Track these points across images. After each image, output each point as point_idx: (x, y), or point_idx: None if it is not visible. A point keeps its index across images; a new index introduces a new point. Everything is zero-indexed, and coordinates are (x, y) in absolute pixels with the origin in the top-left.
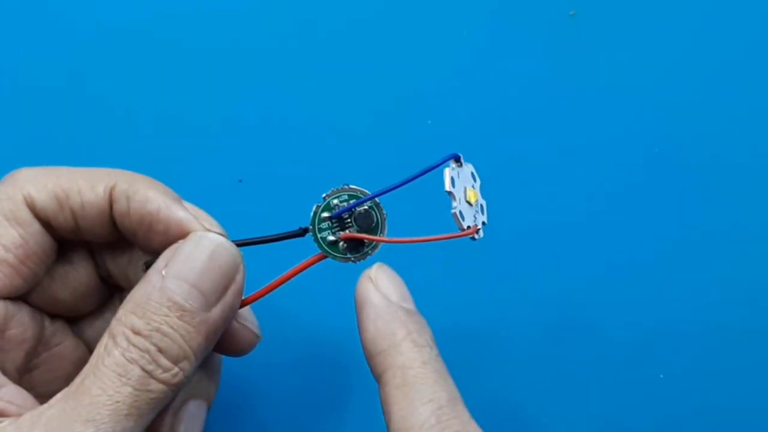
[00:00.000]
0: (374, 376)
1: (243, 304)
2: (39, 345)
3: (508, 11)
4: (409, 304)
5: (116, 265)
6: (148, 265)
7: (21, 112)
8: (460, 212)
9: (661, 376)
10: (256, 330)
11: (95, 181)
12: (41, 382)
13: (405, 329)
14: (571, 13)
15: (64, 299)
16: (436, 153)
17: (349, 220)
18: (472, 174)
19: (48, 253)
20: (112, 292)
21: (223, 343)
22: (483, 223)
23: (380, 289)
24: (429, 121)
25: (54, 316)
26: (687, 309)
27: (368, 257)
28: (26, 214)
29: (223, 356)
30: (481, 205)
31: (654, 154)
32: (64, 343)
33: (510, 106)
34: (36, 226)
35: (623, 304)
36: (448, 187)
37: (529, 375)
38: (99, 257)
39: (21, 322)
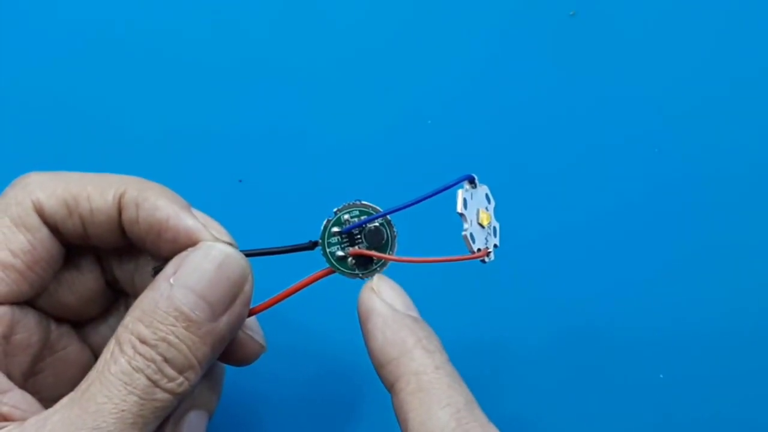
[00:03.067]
0: (386, 385)
1: (250, 314)
2: (44, 349)
3: (508, 11)
4: (414, 313)
5: (123, 271)
6: (156, 271)
7: (26, 115)
8: (471, 234)
9: (661, 376)
10: (262, 340)
11: (105, 187)
12: (46, 386)
13: (414, 336)
14: (571, 13)
15: (71, 304)
16: (436, 153)
17: (359, 236)
18: (487, 195)
19: (56, 259)
20: (117, 296)
21: (227, 352)
22: (495, 246)
23: (384, 298)
24: (429, 121)
25: (60, 320)
26: (688, 310)
27: (376, 274)
28: (35, 220)
29: (227, 366)
30: (494, 228)
31: (654, 154)
32: (70, 347)
33: (509, 106)
34: (44, 232)
35: (624, 306)
36: (460, 208)
37: (531, 375)
38: (106, 262)
39: (27, 327)
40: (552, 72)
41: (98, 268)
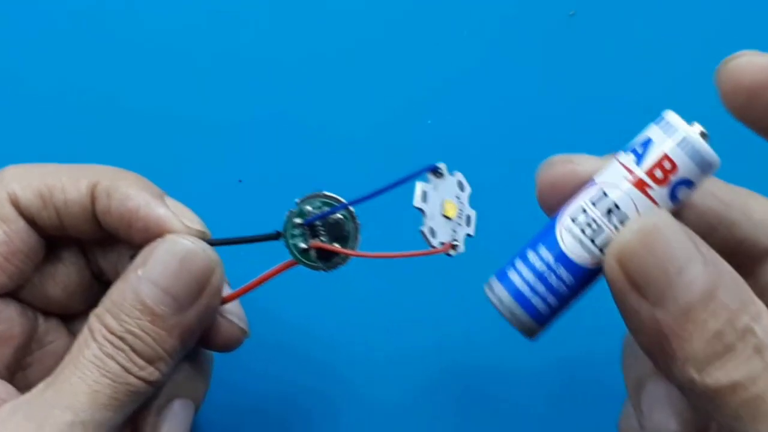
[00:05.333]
0: None
1: (222, 302)
2: (32, 342)
3: (508, 11)
4: None
5: (107, 262)
6: (133, 258)
7: (25, 114)
8: (430, 229)
9: None
10: (243, 325)
11: (79, 177)
12: (35, 380)
13: None
14: (571, 13)
15: (56, 297)
16: (436, 154)
17: (321, 228)
18: (460, 183)
19: (35, 251)
20: (104, 289)
21: (207, 338)
22: (468, 235)
23: None
24: (429, 121)
25: (48, 314)
26: None
27: (340, 267)
28: (10, 212)
29: (228, 365)
30: (468, 216)
31: None
32: (59, 341)
33: (509, 105)
34: (20, 224)
35: None
36: (416, 202)
37: (530, 376)
38: (90, 254)
39: (8, 318)
40: (552, 72)
41: (83, 260)
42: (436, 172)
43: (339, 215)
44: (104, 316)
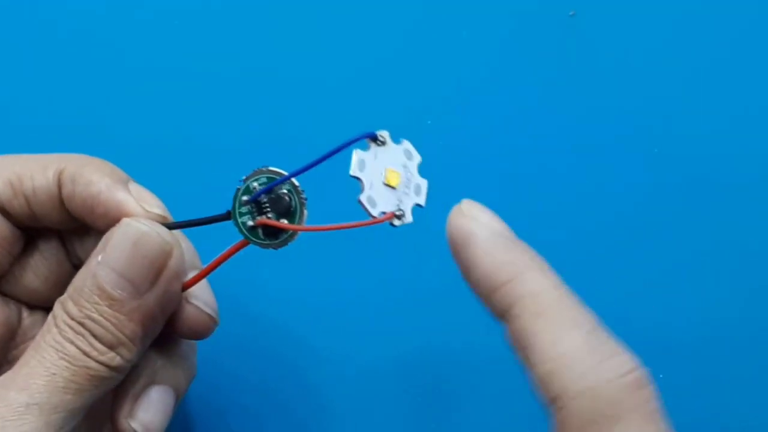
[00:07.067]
0: (497, 313)
1: (184, 287)
2: (17, 336)
3: (508, 11)
4: (513, 235)
5: (84, 251)
6: None
7: (25, 113)
8: (368, 198)
9: (661, 376)
10: (212, 312)
11: (47, 165)
12: None
13: (526, 256)
14: (571, 13)
15: (37, 288)
16: (436, 153)
17: (266, 204)
18: (407, 152)
19: (9, 241)
20: None
21: (174, 324)
22: (418, 205)
23: (482, 221)
24: (429, 122)
25: (33, 307)
26: (688, 310)
27: (289, 243)
28: None
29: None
30: (418, 185)
31: (654, 155)
32: None
33: (509, 106)
34: None
35: (623, 305)
36: (353, 171)
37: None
38: (69, 245)
39: None
40: (552, 72)
41: (62, 251)
42: (376, 140)
43: (283, 190)
44: (66, 302)
